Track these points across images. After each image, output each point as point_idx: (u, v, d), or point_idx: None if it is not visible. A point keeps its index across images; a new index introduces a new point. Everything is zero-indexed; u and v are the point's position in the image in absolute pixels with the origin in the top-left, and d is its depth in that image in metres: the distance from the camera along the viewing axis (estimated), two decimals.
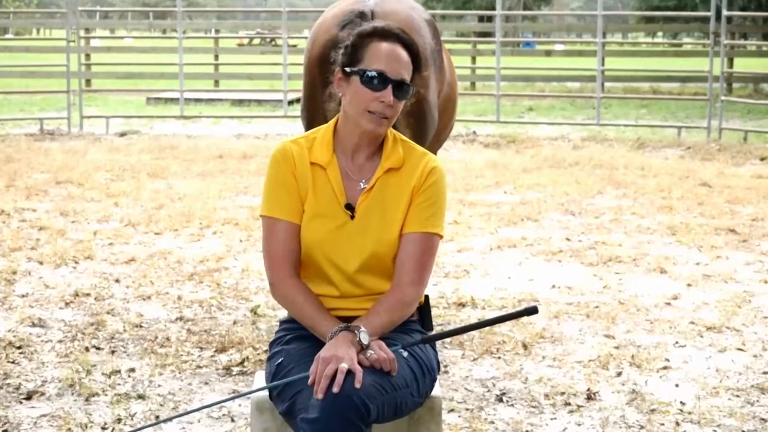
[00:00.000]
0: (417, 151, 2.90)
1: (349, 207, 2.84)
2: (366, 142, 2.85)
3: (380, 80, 2.76)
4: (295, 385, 2.63)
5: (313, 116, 4.59)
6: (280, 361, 2.77)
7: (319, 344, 2.70)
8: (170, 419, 3.78)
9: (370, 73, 2.77)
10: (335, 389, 2.50)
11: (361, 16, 4.46)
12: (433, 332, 2.94)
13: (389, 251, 2.83)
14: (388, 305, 2.78)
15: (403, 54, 2.81)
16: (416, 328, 2.93)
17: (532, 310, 2.75)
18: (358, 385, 2.51)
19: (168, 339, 4.95)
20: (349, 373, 2.54)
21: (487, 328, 5.10)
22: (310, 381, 2.56)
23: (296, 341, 2.83)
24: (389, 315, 2.77)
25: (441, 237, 2.87)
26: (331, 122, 2.91)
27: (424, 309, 2.99)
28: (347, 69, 2.81)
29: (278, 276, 2.84)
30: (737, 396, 4.25)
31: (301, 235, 2.84)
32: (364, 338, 2.65)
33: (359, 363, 2.58)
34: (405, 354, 2.74)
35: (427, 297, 3.01)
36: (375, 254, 2.82)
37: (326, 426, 2.48)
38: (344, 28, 4.38)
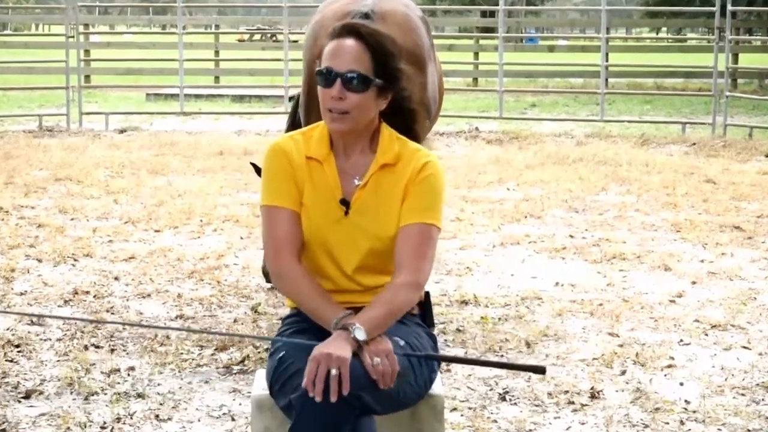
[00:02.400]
0: (411, 147, 2.89)
1: (344, 202, 2.84)
2: (352, 139, 2.86)
3: (328, 76, 2.78)
4: (296, 380, 2.62)
5: (310, 113, 4.62)
6: (281, 355, 2.76)
7: (320, 337, 2.69)
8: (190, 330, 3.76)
9: (320, 71, 2.80)
10: (333, 398, 2.48)
11: (366, 17, 4.48)
12: (438, 347, 2.94)
13: (386, 249, 2.82)
14: (385, 297, 2.74)
15: (352, 45, 2.79)
16: (417, 321, 2.92)
17: (540, 370, 2.69)
18: (344, 393, 2.49)
19: (168, 337, 4.94)
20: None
21: (490, 325, 5.11)
22: (304, 383, 2.53)
23: (297, 335, 2.82)
24: (387, 306, 2.71)
25: (439, 229, 2.85)
26: None
27: (425, 305, 2.99)
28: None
29: (284, 261, 2.81)
30: (742, 395, 4.24)
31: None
32: (359, 335, 2.61)
33: (364, 365, 2.57)
34: (402, 343, 2.74)
35: (427, 293, 3.00)
36: (372, 251, 2.82)
37: (317, 406, 2.48)
38: None
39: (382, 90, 2.84)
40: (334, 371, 2.50)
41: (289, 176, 2.85)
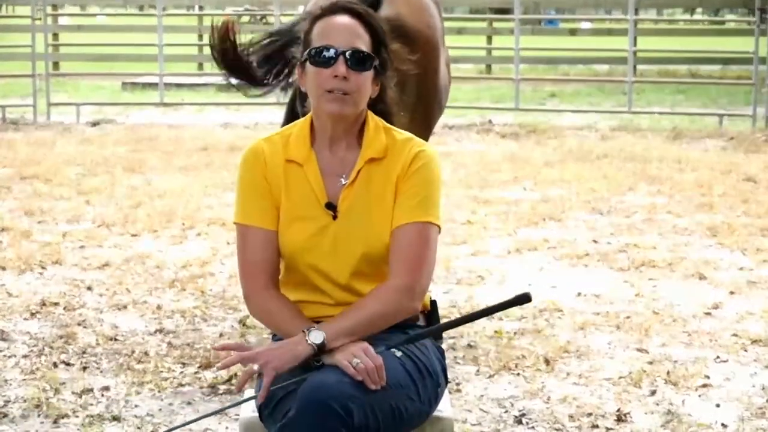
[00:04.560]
0: (401, 138, 2.90)
1: (330, 206, 2.84)
2: (341, 131, 2.86)
3: (329, 54, 2.79)
4: (288, 403, 2.64)
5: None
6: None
7: None
8: None
9: (317, 50, 2.81)
10: (235, 389, 2.65)
11: None
12: (446, 363, 2.95)
13: (381, 252, 2.83)
14: (368, 302, 2.76)
15: (349, 22, 2.84)
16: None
17: (524, 298, 2.78)
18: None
19: (146, 353, 4.96)
20: (327, 372, 2.59)
21: (505, 340, 5.12)
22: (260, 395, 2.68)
23: None
24: (367, 311, 2.74)
25: (438, 227, 2.86)
26: (308, 116, 2.93)
27: (432, 316, 3.00)
28: (302, 58, 2.87)
29: (253, 288, 2.88)
30: None
31: (279, 243, 2.87)
32: (315, 337, 2.65)
33: (344, 370, 2.60)
34: (398, 354, 2.75)
35: (434, 302, 3.01)
36: (366, 256, 2.83)
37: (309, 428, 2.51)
38: None
39: (377, 73, 2.87)
40: (256, 366, 2.63)
41: (262, 189, 2.88)
